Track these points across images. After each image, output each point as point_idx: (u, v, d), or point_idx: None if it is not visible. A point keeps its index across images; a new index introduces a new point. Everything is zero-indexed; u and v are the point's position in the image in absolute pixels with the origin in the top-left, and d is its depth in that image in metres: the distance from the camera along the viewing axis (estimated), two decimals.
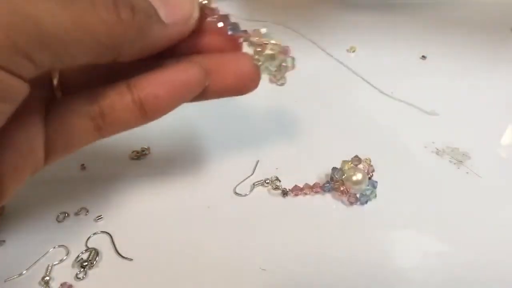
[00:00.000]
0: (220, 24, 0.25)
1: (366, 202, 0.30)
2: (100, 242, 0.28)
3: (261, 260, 0.28)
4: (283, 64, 0.26)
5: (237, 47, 0.26)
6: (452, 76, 0.41)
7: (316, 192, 0.31)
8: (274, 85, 0.40)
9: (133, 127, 0.24)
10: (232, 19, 0.25)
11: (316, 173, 0.32)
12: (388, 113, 0.37)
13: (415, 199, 0.31)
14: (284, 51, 0.26)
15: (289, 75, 0.27)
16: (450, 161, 0.33)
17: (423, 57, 0.42)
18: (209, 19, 0.25)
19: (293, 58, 0.26)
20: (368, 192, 0.30)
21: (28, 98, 0.20)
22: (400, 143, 0.34)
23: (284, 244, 0.28)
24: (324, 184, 0.31)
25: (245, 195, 0.31)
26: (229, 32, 0.25)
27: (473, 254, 0.28)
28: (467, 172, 0.32)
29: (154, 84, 0.23)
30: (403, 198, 0.31)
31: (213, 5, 0.25)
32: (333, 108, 0.38)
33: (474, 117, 0.37)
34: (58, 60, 0.19)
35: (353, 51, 0.43)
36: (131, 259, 0.28)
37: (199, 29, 0.24)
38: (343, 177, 0.30)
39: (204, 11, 0.25)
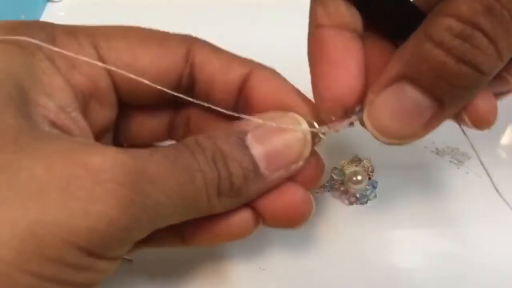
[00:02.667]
0: None
1: (366, 202, 0.30)
2: None
3: (261, 260, 0.28)
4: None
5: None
6: None
7: (316, 192, 0.31)
8: None
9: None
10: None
11: None
12: None
13: (415, 199, 0.31)
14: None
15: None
16: (450, 161, 0.33)
17: None
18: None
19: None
20: (368, 192, 0.30)
21: None
22: None
23: (284, 244, 0.28)
24: (324, 184, 0.31)
25: None
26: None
27: (473, 254, 0.28)
28: (467, 172, 0.32)
29: (205, 237, 0.22)
30: (403, 198, 0.31)
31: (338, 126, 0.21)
32: None
33: None
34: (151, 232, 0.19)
35: None
36: (131, 260, 0.28)
37: None
38: (343, 177, 0.30)
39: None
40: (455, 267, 0.27)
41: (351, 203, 0.30)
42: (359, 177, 0.30)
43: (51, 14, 0.43)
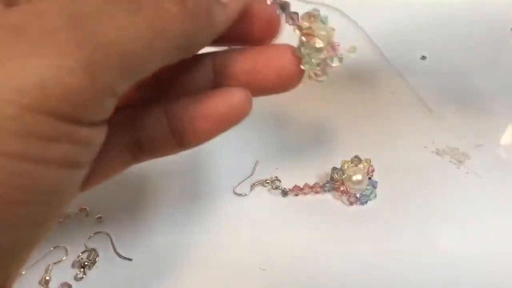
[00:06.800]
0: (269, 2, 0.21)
1: (366, 202, 0.30)
2: (99, 242, 0.28)
3: (261, 260, 0.28)
4: (328, 61, 0.22)
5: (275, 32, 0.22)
6: (452, 76, 0.41)
7: (316, 192, 0.31)
8: None
9: (169, 155, 0.23)
10: None
11: (316, 173, 0.32)
12: (388, 113, 0.37)
13: (415, 199, 0.31)
14: (333, 47, 0.22)
15: None
16: (450, 161, 0.33)
17: (423, 57, 0.42)
18: None
19: (340, 58, 0.22)
20: (368, 192, 0.30)
21: None
22: (400, 143, 0.34)
23: (284, 244, 0.28)
24: (324, 184, 0.31)
25: (245, 195, 0.31)
26: (277, 12, 0.21)
27: (473, 254, 0.28)
28: (467, 172, 0.32)
29: (194, 117, 0.21)
30: (403, 198, 0.31)
31: None
32: (333, 108, 0.38)
33: (474, 117, 0.37)
34: (136, 79, 0.17)
35: (353, 51, 0.43)
36: (130, 259, 0.28)
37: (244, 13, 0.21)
38: (343, 177, 0.30)
39: None
40: (455, 267, 0.27)
41: (351, 203, 0.30)
42: (359, 177, 0.30)
43: None
